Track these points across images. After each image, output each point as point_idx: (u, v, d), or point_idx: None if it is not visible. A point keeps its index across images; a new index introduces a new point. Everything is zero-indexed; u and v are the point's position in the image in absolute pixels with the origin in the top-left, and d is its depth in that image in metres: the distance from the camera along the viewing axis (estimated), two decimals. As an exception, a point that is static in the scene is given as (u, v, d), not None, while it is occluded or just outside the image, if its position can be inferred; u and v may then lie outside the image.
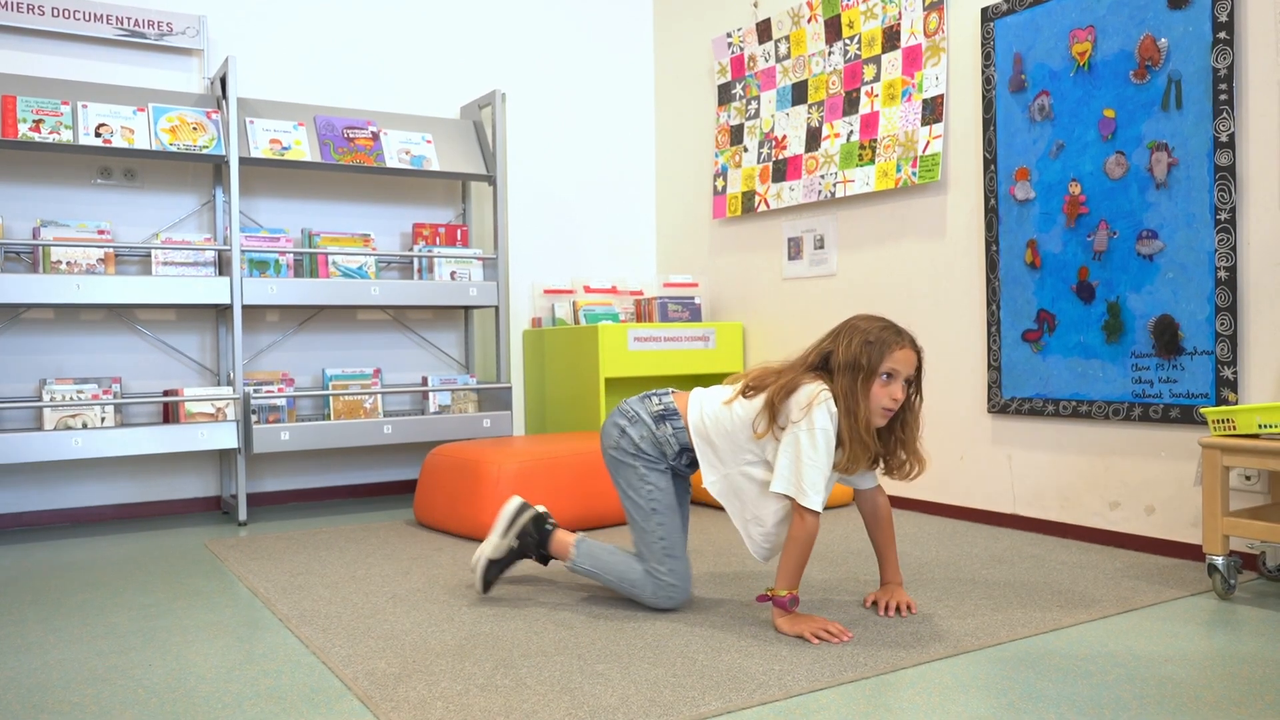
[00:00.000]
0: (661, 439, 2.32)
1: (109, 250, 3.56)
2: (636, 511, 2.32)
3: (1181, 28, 2.79)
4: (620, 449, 2.35)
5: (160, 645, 2.16)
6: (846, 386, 2.13)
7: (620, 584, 2.35)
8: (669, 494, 2.32)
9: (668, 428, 2.32)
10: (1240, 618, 2.25)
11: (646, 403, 2.37)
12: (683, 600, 2.32)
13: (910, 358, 2.18)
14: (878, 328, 2.18)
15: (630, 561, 2.36)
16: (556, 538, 2.47)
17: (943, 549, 2.99)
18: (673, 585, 2.29)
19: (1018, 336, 3.26)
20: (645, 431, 2.33)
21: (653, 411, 2.34)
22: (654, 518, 2.30)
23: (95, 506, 3.78)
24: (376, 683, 1.88)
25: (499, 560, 2.48)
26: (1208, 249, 2.74)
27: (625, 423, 2.35)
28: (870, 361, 2.13)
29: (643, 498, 2.31)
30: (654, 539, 2.30)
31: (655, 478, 2.32)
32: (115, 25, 3.75)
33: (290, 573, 2.81)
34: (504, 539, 2.47)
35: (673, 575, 2.29)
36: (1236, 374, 2.69)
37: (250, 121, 3.80)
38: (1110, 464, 3.02)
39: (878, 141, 3.73)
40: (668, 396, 2.37)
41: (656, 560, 2.30)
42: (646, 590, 2.31)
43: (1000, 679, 1.87)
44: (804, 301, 4.14)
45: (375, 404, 3.94)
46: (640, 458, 2.33)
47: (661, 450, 2.33)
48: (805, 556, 2.15)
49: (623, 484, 2.35)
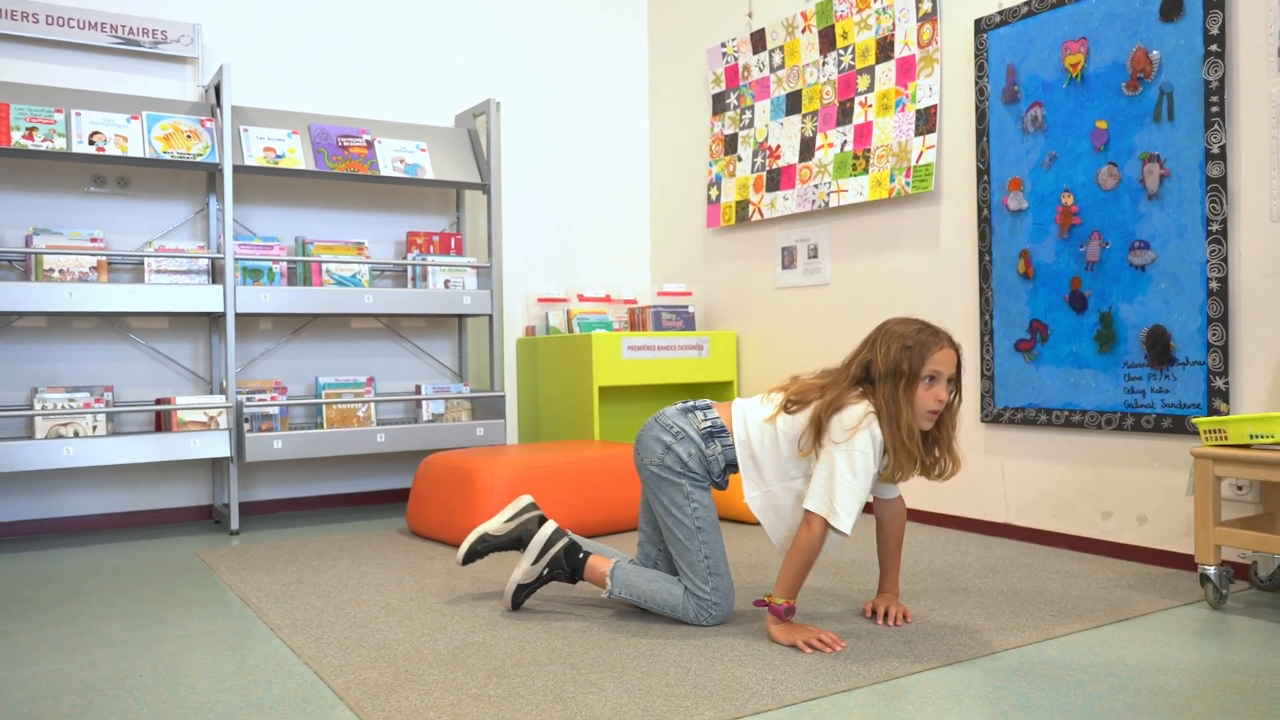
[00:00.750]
0: (710, 457, 2.26)
1: (102, 258, 3.55)
2: (681, 530, 2.25)
3: (1173, 40, 2.81)
4: (665, 466, 2.26)
5: (152, 655, 2.15)
6: (889, 395, 2.10)
7: (662, 609, 2.30)
8: (713, 511, 2.27)
9: (717, 445, 2.26)
10: (1232, 627, 2.25)
11: (691, 418, 2.29)
12: (726, 616, 2.28)
13: (951, 357, 2.15)
14: (914, 330, 2.14)
15: (668, 586, 2.30)
16: (590, 566, 2.40)
17: (937, 559, 2.99)
18: (716, 604, 2.25)
19: (1011, 346, 3.27)
20: (693, 449, 2.26)
21: (700, 428, 2.27)
22: (699, 536, 2.24)
23: (87, 515, 3.76)
24: (369, 693, 1.87)
25: (528, 585, 2.43)
26: (1199, 260, 2.75)
27: (670, 439, 2.27)
28: (911, 367, 2.10)
29: (688, 517, 2.25)
30: (698, 558, 2.24)
31: (700, 495, 2.26)
32: (109, 33, 3.75)
33: (283, 582, 2.80)
34: (535, 566, 2.40)
35: (716, 594, 2.25)
36: (1228, 384, 2.70)
37: (244, 129, 3.80)
38: (1103, 474, 3.03)
39: (871, 151, 3.74)
40: (712, 411, 2.30)
41: (701, 579, 2.24)
42: (689, 612, 2.26)
43: (994, 689, 1.87)
44: (798, 311, 4.15)
45: (368, 412, 3.93)
46: (687, 476, 2.25)
47: (708, 468, 2.27)
48: (808, 567, 2.14)
49: (665, 502, 2.27)
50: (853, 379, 2.17)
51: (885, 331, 2.17)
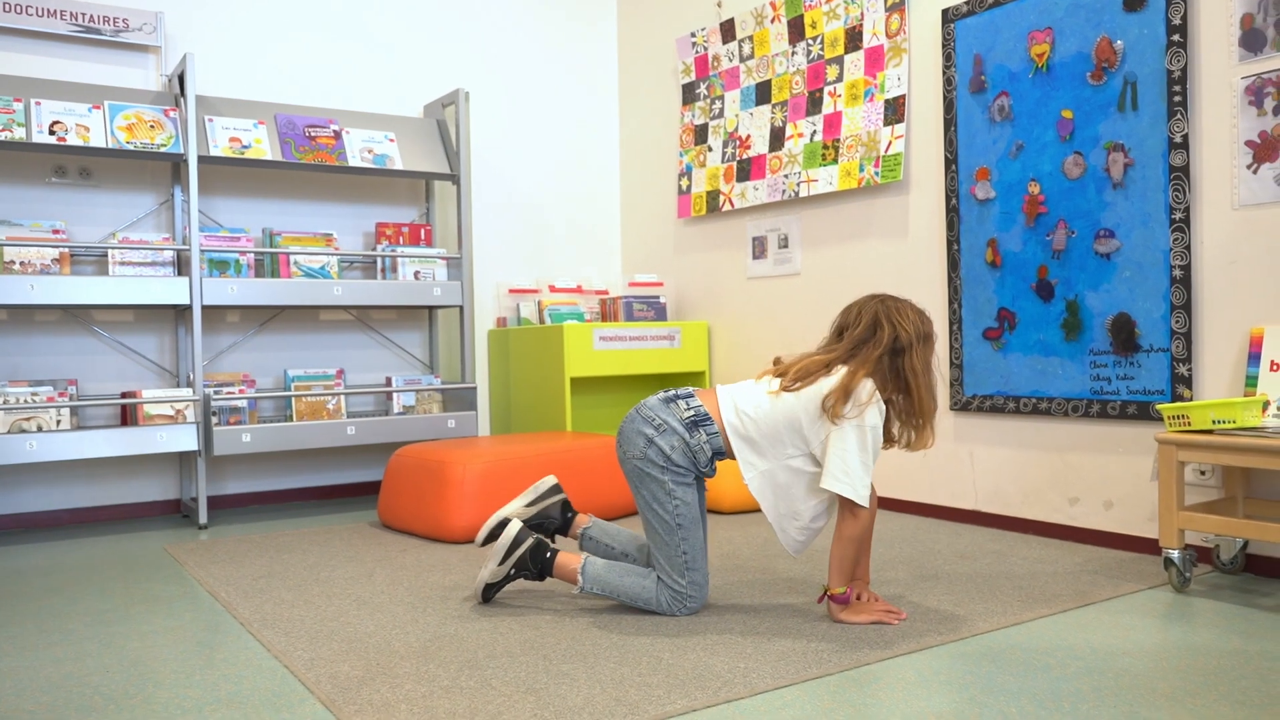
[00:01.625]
0: (695, 447, 2.24)
1: (64, 250, 3.50)
2: (661, 525, 2.24)
3: (1137, 30, 2.83)
4: (647, 459, 2.24)
5: (118, 651, 2.12)
6: (924, 360, 2.20)
7: (635, 603, 2.30)
8: (695, 507, 2.26)
9: (701, 435, 2.24)
10: (1195, 610, 2.29)
11: (673, 408, 2.27)
12: (698, 609, 2.29)
13: None
14: (904, 302, 2.27)
15: (640, 580, 2.30)
16: (560, 564, 2.37)
17: (906, 546, 3.02)
18: (691, 597, 2.26)
19: (979, 335, 3.30)
20: (677, 441, 2.24)
21: (683, 418, 2.25)
22: (679, 532, 2.24)
23: (51, 511, 3.71)
24: (340, 686, 1.86)
25: (496, 584, 2.42)
26: (1163, 248, 2.78)
27: (653, 432, 2.24)
28: (930, 327, 2.25)
29: (669, 513, 2.24)
30: (676, 553, 2.24)
31: (683, 492, 2.24)
32: (69, 21, 3.69)
33: (252, 576, 2.78)
34: (501, 566, 2.38)
35: (692, 587, 2.26)
36: (1191, 371, 2.74)
37: (209, 120, 3.75)
38: (1070, 460, 3.07)
39: (841, 141, 3.75)
40: (694, 400, 2.28)
41: (678, 573, 2.24)
42: (663, 603, 2.27)
43: (962, 673, 1.88)
44: (768, 300, 4.16)
45: (338, 405, 3.90)
46: (670, 471, 2.24)
47: (694, 459, 2.25)
48: (856, 553, 2.21)
49: (647, 496, 2.26)
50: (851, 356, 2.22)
51: (892, 307, 2.25)
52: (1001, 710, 1.70)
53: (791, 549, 2.27)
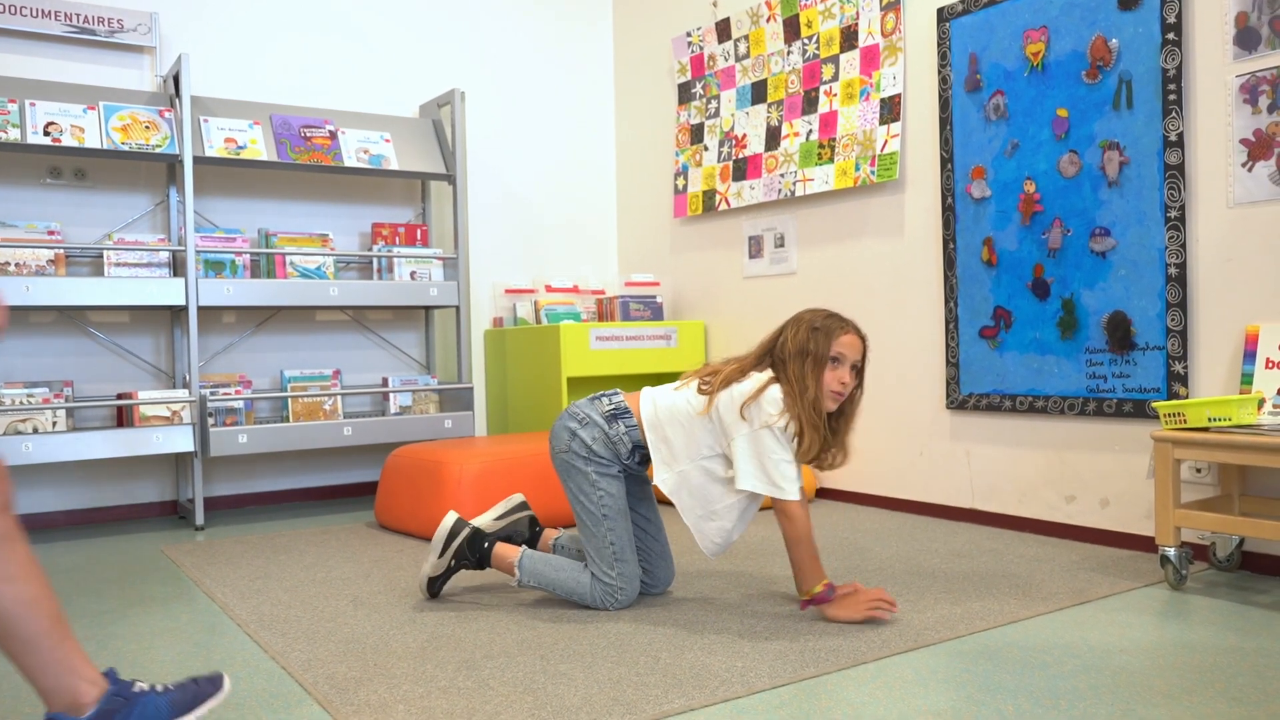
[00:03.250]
0: (615, 438, 2.32)
1: (59, 251, 3.49)
2: (588, 517, 2.32)
3: (1131, 29, 2.84)
4: (572, 452, 2.33)
5: (115, 653, 2.12)
6: (797, 372, 2.20)
7: (570, 597, 2.36)
8: (620, 499, 2.33)
9: (620, 426, 2.33)
10: (1191, 607, 2.30)
11: (596, 404, 2.37)
12: (629, 602, 2.34)
13: (856, 343, 2.26)
14: (822, 316, 2.26)
15: (575, 574, 2.35)
16: (497, 555, 2.43)
17: (902, 544, 3.02)
18: (620, 589, 2.31)
19: (975, 333, 3.30)
20: (597, 433, 2.32)
21: (604, 411, 2.35)
22: (605, 523, 2.30)
23: (47, 513, 3.70)
24: (337, 687, 1.86)
25: (438, 577, 2.47)
26: (1158, 246, 2.79)
27: (576, 425, 2.34)
28: (818, 346, 2.21)
29: (594, 504, 2.31)
30: (604, 544, 2.30)
31: (607, 483, 2.32)
32: (64, 22, 3.68)
33: (249, 577, 2.78)
34: (440, 559, 2.44)
35: (621, 579, 2.31)
36: (1187, 369, 2.74)
37: (204, 120, 3.74)
38: (1066, 458, 3.07)
39: (836, 140, 3.75)
40: (617, 396, 2.39)
41: (607, 564, 2.31)
42: (596, 597, 2.32)
43: (959, 672, 1.89)
44: (765, 300, 4.16)
45: (335, 405, 3.90)
46: (593, 462, 2.32)
47: (615, 450, 2.33)
48: (813, 547, 2.21)
49: (573, 489, 2.34)
50: (760, 361, 2.28)
51: (795, 319, 2.30)
52: (999, 708, 1.70)
53: (709, 550, 2.30)
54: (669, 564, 2.49)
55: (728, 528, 2.27)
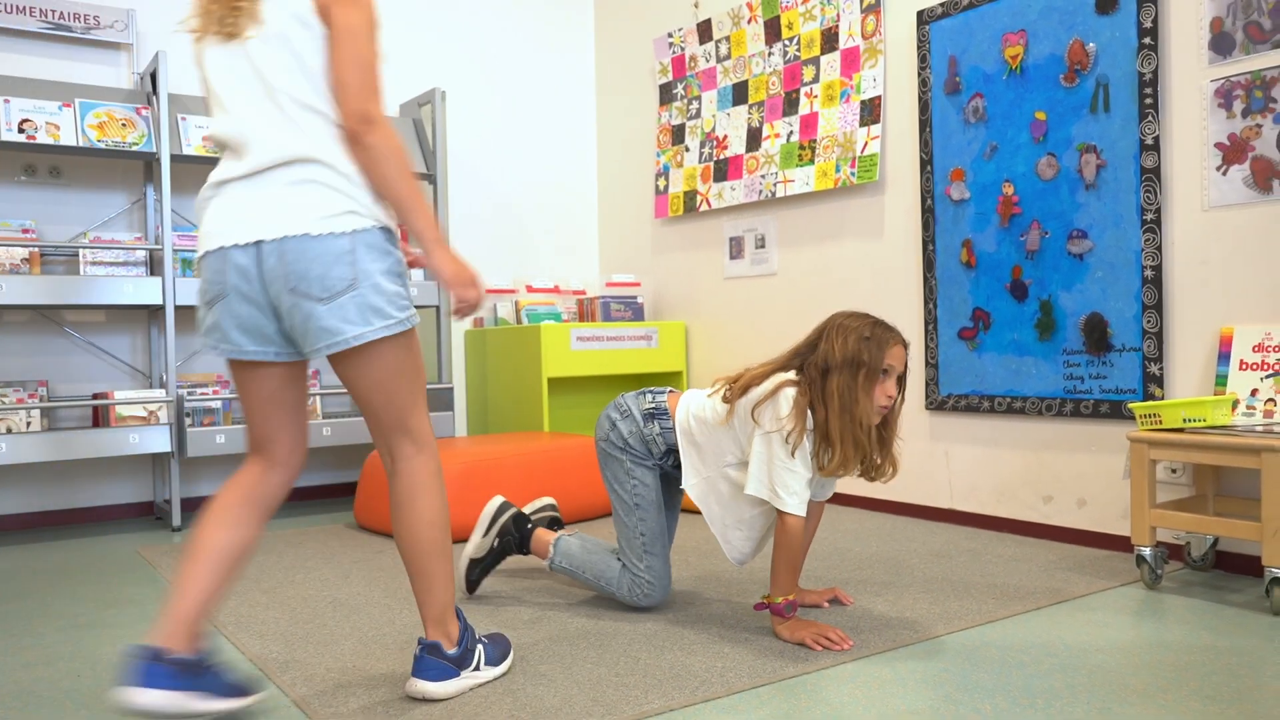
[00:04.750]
0: (648, 437, 2.29)
1: (34, 250, 3.45)
2: (620, 505, 2.31)
3: (1109, 33, 2.86)
4: (610, 442, 2.33)
5: (89, 656, 2.10)
6: (845, 385, 2.06)
7: (597, 582, 2.35)
8: (654, 490, 2.30)
9: (655, 426, 2.29)
10: (1166, 607, 2.32)
11: (640, 399, 2.35)
12: (659, 600, 2.31)
13: (903, 354, 2.13)
14: (869, 324, 2.12)
15: (608, 559, 2.36)
16: (537, 536, 2.47)
17: (882, 545, 3.03)
18: (650, 583, 2.28)
19: (954, 334, 3.32)
20: (634, 427, 2.31)
21: (644, 408, 2.32)
22: (636, 513, 2.28)
23: (21, 514, 3.66)
24: (315, 689, 1.85)
25: (480, 560, 2.47)
26: (1135, 248, 2.81)
27: (617, 416, 2.34)
28: (872, 358, 2.06)
29: (627, 492, 2.30)
30: (635, 534, 2.29)
31: (641, 473, 2.30)
32: (39, 18, 3.64)
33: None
34: (485, 538, 2.46)
35: (650, 573, 2.28)
36: (1162, 370, 2.77)
37: (182, 118, 3.71)
38: (1043, 459, 3.09)
39: (817, 142, 3.77)
40: (662, 395, 2.34)
41: (636, 556, 2.29)
42: (623, 588, 2.31)
43: (937, 672, 1.90)
44: (745, 300, 4.17)
45: (314, 405, 3.88)
46: (628, 452, 2.31)
47: (648, 448, 2.31)
48: (795, 560, 2.12)
49: (609, 477, 2.34)
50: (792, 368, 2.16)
51: (838, 325, 2.14)
52: (976, 708, 1.71)
53: (735, 558, 2.24)
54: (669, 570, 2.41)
55: (755, 537, 2.21)
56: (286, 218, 1.61)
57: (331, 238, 1.61)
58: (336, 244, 1.61)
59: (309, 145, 1.63)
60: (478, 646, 1.84)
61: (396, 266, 1.70)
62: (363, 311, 1.63)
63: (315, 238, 1.60)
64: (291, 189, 1.62)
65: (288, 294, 1.62)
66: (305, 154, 1.63)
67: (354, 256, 1.62)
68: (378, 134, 1.62)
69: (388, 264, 1.68)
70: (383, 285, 1.66)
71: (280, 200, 1.62)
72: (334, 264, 1.61)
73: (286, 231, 1.60)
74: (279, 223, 1.61)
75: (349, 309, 1.62)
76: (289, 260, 1.60)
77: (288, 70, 1.64)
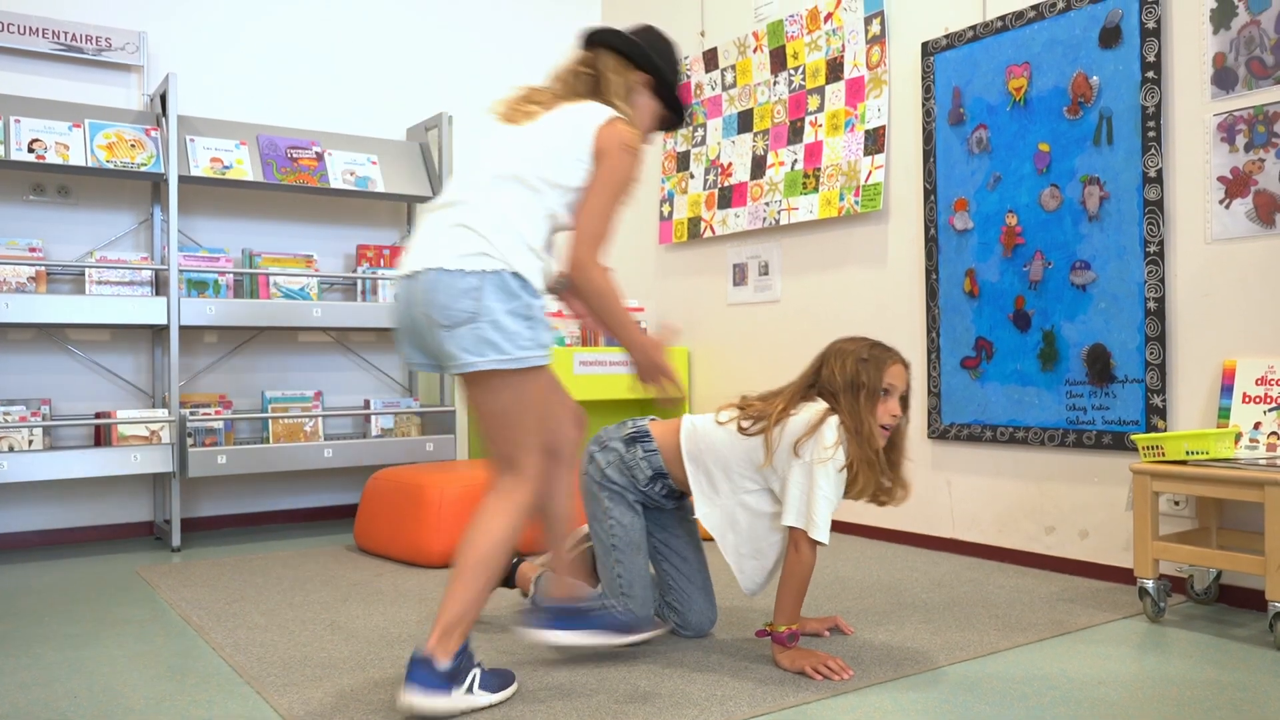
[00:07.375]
0: (631, 462, 2.24)
1: (40, 268, 3.47)
2: (598, 545, 2.25)
3: (1112, 66, 2.88)
4: (589, 476, 2.28)
5: (87, 676, 2.09)
6: (849, 406, 2.07)
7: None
8: (633, 531, 2.23)
9: (638, 450, 2.24)
10: (1169, 640, 2.30)
11: (621, 428, 2.30)
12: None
13: (903, 372, 2.14)
14: (867, 346, 2.14)
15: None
16: (521, 572, 2.43)
17: (883, 573, 3.02)
18: None
19: (957, 364, 3.32)
20: (613, 457, 2.25)
21: (625, 434, 2.27)
22: (612, 554, 2.22)
23: (22, 532, 3.66)
24: (312, 713, 1.84)
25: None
26: (1138, 280, 2.82)
27: (595, 449, 2.29)
28: (870, 379, 2.08)
29: (604, 532, 2.24)
30: (613, 575, 2.22)
31: (619, 513, 2.23)
32: (52, 40, 3.68)
33: (225, 600, 2.75)
34: None
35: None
36: (1165, 402, 2.77)
37: (191, 140, 3.74)
38: (1046, 489, 3.09)
39: (821, 170, 3.78)
40: (642, 421, 2.30)
41: (614, 595, 2.22)
42: None
43: (939, 702, 1.89)
44: (749, 327, 4.17)
45: (316, 427, 3.88)
46: (606, 488, 2.24)
47: (631, 476, 2.24)
48: (804, 590, 2.10)
49: (589, 515, 2.28)
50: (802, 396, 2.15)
51: (836, 350, 2.16)
52: (978, 740, 1.70)
53: (749, 588, 2.21)
54: (706, 605, 2.33)
55: (768, 567, 2.18)
56: (433, 254, 1.84)
57: (461, 274, 1.81)
58: (465, 281, 1.80)
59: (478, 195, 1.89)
60: (474, 669, 1.85)
61: (524, 310, 1.85)
62: (478, 343, 1.81)
63: (449, 272, 1.81)
64: (446, 231, 1.87)
65: (424, 317, 1.85)
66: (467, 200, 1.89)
67: (480, 293, 1.80)
68: (583, 278, 1.96)
69: (513, 305, 1.83)
70: (503, 322, 1.81)
71: (434, 239, 1.87)
72: (460, 297, 1.80)
73: (429, 265, 1.84)
74: (427, 258, 1.85)
75: (466, 338, 1.81)
76: (426, 289, 1.83)
77: (525, 157, 1.96)
